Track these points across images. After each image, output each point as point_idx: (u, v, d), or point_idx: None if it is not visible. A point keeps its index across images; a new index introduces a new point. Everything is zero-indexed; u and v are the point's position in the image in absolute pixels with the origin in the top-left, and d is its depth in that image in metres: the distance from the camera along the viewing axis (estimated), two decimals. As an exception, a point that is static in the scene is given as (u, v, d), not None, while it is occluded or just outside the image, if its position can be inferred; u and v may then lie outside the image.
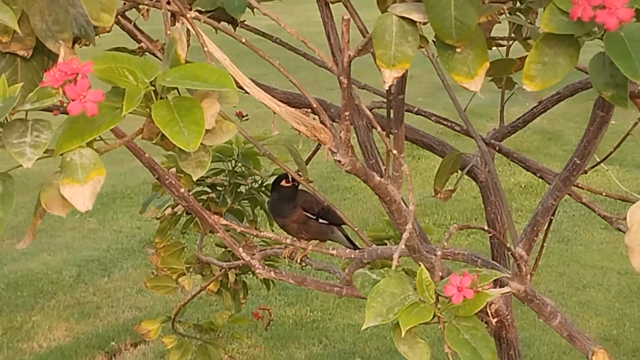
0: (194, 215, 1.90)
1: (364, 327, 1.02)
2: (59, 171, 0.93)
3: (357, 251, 1.52)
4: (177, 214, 2.01)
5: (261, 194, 2.03)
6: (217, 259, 2.03)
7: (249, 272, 2.09)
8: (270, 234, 1.55)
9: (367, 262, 1.49)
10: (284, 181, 1.82)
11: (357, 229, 1.66)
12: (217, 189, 2.01)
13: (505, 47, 1.79)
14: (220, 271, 1.99)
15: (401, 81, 1.37)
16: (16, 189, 0.93)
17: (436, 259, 1.12)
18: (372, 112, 1.80)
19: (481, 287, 1.00)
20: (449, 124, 1.85)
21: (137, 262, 4.85)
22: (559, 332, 1.42)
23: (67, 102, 0.90)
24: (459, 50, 1.05)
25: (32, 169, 0.93)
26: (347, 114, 1.18)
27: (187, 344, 2.08)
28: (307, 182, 1.64)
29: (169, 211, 1.98)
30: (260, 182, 2.04)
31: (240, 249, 1.46)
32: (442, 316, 1.01)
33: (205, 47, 1.09)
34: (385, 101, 1.54)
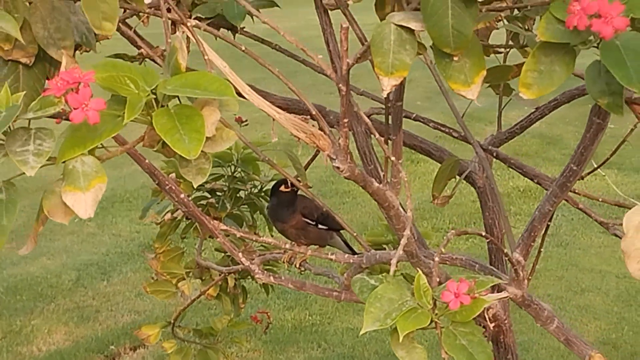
0: (193, 220, 1.91)
1: (362, 332, 1.03)
2: (61, 179, 0.94)
3: (355, 256, 1.53)
4: (177, 219, 2.02)
5: (260, 199, 2.04)
6: (217, 263, 2.03)
7: (248, 277, 2.10)
8: (269, 239, 1.56)
9: (366, 267, 1.50)
10: (282, 186, 1.82)
11: (355, 234, 1.67)
12: (217, 194, 2.01)
13: (502, 54, 1.80)
14: (219, 276, 1.99)
15: (399, 88, 1.38)
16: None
17: (434, 265, 1.13)
18: (371, 118, 1.81)
19: (478, 293, 1.01)
20: (447, 130, 1.85)
21: (136, 266, 4.86)
22: (556, 337, 1.43)
23: (70, 110, 0.91)
24: (456, 58, 1.06)
25: (32, 173, 0.94)
26: (345, 120, 1.19)
27: (187, 349, 2.09)
28: (306, 188, 1.65)
29: (169, 216, 1.99)
30: (259, 188, 2.04)
31: (239, 253, 1.47)
32: (440, 321, 1.02)
33: (205, 55, 1.10)
34: (383, 107, 1.54)
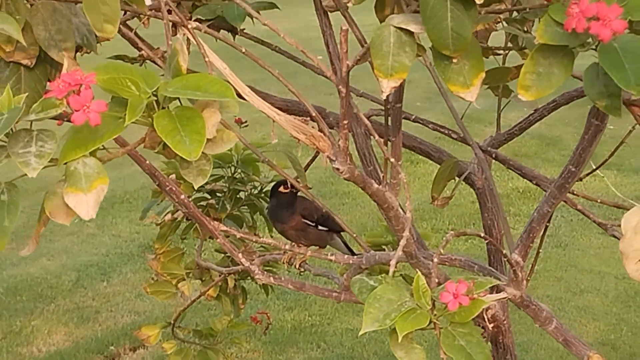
0: (193, 221, 1.91)
1: (361, 332, 1.04)
2: (63, 180, 0.94)
3: (355, 257, 1.53)
4: (177, 220, 2.02)
5: (260, 200, 2.04)
6: (217, 264, 2.04)
7: (248, 278, 2.11)
8: (269, 240, 1.56)
9: (365, 268, 1.50)
10: (281, 187, 1.83)
11: (355, 234, 1.67)
12: (217, 195, 2.02)
13: (501, 56, 1.81)
14: (219, 276, 2.00)
15: (399, 90, 1.39)
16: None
17: (433, 266, 1.13)
18: (370, 119, 1.82)
19: (477, 294, 1.01)
20: (446, 132, 1.86)
21: (136, 267, 4.86)
22: (554, 337, 1.43)
23: (71, 112, 0.92)
24: (455, 60, 1.07)
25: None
26: (345, 122, 1.19)
27: (187, 349, 2.09)
28: (305, 189, 1.65)
29: (169, 217, 1.99)
30: (259, 189, 2.05)
31: (239, 254, 1.47)
32: (438, 322, 1.03)
33: (206, 57, 1.11)
34: (383, 109, 1.55)
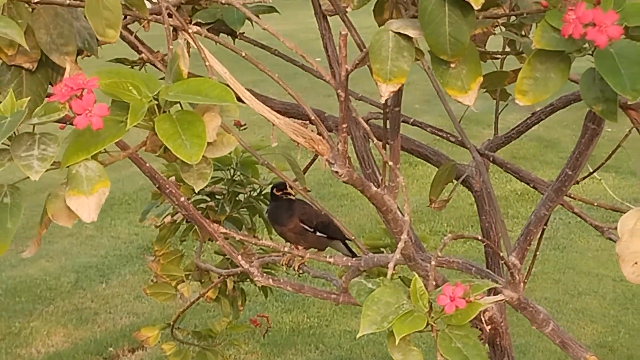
0: (193, 223, 1.92)
1: (359, 335, 1.05)
2: (65, 183, 0.95)
3: (354, 259, 1.54)
4: (177, 222, 2.03)
5: (259, 202, 2.06)
6: (216, 266, 2.05)
7: (247, 280, 2.12)
8: (268, 242, 1.57)
9: (364, 270, 1.51)
10: (274, 190, 1.85)
11: (353, 237, 1.68)
12: (216, 197, 2.03)
13: (499, 59, 1.82)
14: (218, 278, 2.01)
15: (397, 93, 1.40)
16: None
17: (430, 268, 1.14)
18: (369, 122, 1.83)
19: (473, 296, 1.02)
20: (444, 135, 1.87)
21: (134, 269, 4.87)
22: (551, 339, 1.44)
23: (73, 116, 0.93)
24: (453, 65, 1.08)
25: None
26: (344, 126, 1.20)
27: (186, 351, 2.10)
28: (304, 191, 1.66)
29: (169, 219, 2.00)
30: (258, 191, 2.06)
31: (239, 256, 1.48)
32: (435, 325, 1.04)
33: (206, 61, 1.12)
34: (381, 112, 1.56)
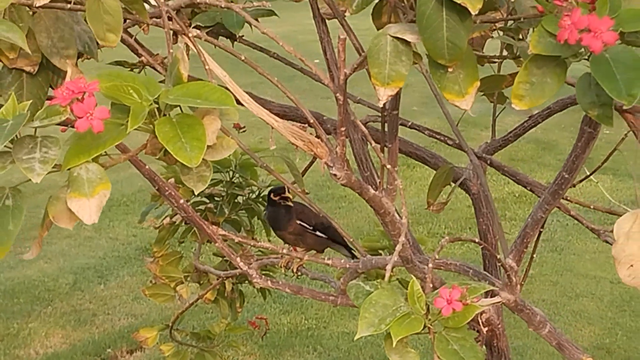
0: (192, 225, 1.93)
1: (356, 337, 1.06)
2: (66, 185, 0.96)
3: (352, 261, 1.55)
4: (176, 224, 2.04)
5: (258, 204, 2.07)
6: (214, 267, 2.06)
7: (246, 281, 2.13)
8: (267, 244, 1.58)
9: (362, 272, 1.52)
10: (272, 194, 1.85)
11: (352, 239, 1.69)
12: (215, 199, 2.04)
13: (497, 63, 1.83)
14: (217, 280, 2.02)
15: (395, 97, 1.41)
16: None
17: (428, 271, 1.15)
18: (367, 125, 1.84)
19: (470, 299, 1.03)
20: (442, 138, 1.88)
21: (133, 270, 4.87)
22: (548, 341, 1.45)
23: (75, 119, 0.93)
24: (450, 69, 1.09)
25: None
26: (343, 129, 1.21)
27: (184, 352, 2.11)
28: (303, 194, 1.67)
29: (168, 221, 2.01)
30: (257, 193, 2.07)
31: (237, 258, 1.49)
32: (433, 327, 1.05)
33: (206, 65, 1.13)
34: (380, 115, 1.57)
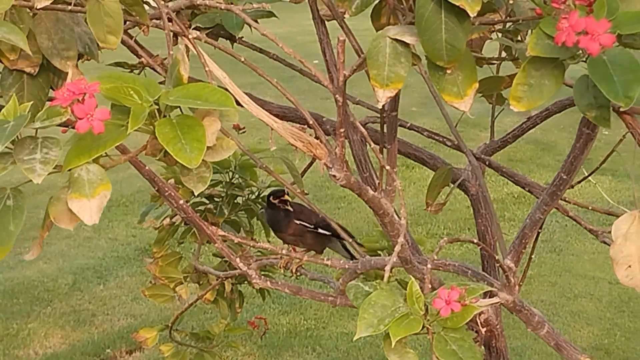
0: (191, 225, 1.94)
1: (355, 337, 1.06)
2: (67, 186, 0.97)
3: (351, 262, 1.56)
4: (175, 224, 2.05)
5: (258, 205, 2.07)
6: (214, 268, 2.06)
7: (245, 282, 2.13)
8: (266, 245, 1.58)
9: (361, 273, 1.53)
10: (272, 197, 1.86)
11: (351, 240, 1.70)
12: (215, 200, 2.05)
13: (495, 65, 1.84)
14: (217, 280, 2.02)
15: (394, 98, 1.41)
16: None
17: (426, 271, 1.16)
18: (366, 126, 1.84)
19: (469, 299, 1.04)
20: (441, 139, 1.89)
21: (132, 270, 4.88)
22: (546, 342, 1.46)
23: (75, 120, 0.94)
24: (449, 71, 1.09)
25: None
26: (342, 130, 1.22)
27: (184, 352, 2.12)
28: (302, 194, 1.68)
29: (167, 221, 2.02)
30: (256, 194, 2.08)
31: (237, 259, 1.50)
32: (431, 327, 1.05)
33: (206, 66, 1.13)
34: (379, 116, 1.57)
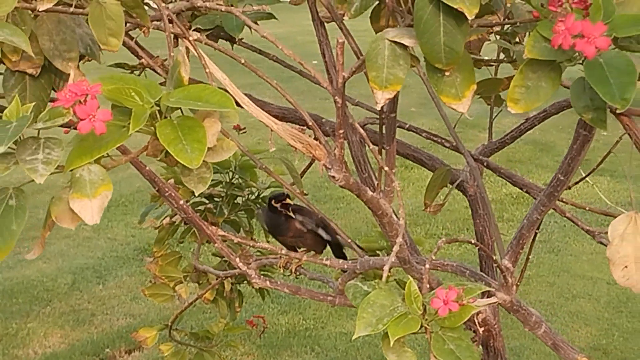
0: (191, 225, 1.95)
1: (354, 337, 1.07)
2: (69, 186, 0.98)
3: (350, 262, 1.57)
4: (175, 224, 2.06)
5: (257, 205, 2.08)
6: (213, 268, 2.07)
7: (244, 281, 2.14)
8: (265, 245, 1.59)
9: (360, 273, 1.53)
10: (273, 201, 1.87)
11: (350, 240, 1.71)
12: (215, 200, 2.06)
13: (493, 66, 1.85)
14: (216, 280, 2.03)
15: (393, 100, 1.42)
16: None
17: (425, 271, 1.16)
18: (365, 127, 1.85)
19: (467, 299, 1.05)
20: (439, 140, 1.90)
21: (131, 270, 4.89)
22: (543, 341, 1.47)
23: (77, 121, 0.95)
24: (447, 73, 1.10)
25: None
26: (341, 132, 1.23)
27: (183, 352, 2.13)
28: (302, 195, 1.68)
29: (167, 221, 2.03)
30: (256, 194, 2.09)
31: (236, 258, 1.51)
32: (429, 327, 1.06)
33: (206, 68, 1.14)
34: (378, 117, 1.58)
